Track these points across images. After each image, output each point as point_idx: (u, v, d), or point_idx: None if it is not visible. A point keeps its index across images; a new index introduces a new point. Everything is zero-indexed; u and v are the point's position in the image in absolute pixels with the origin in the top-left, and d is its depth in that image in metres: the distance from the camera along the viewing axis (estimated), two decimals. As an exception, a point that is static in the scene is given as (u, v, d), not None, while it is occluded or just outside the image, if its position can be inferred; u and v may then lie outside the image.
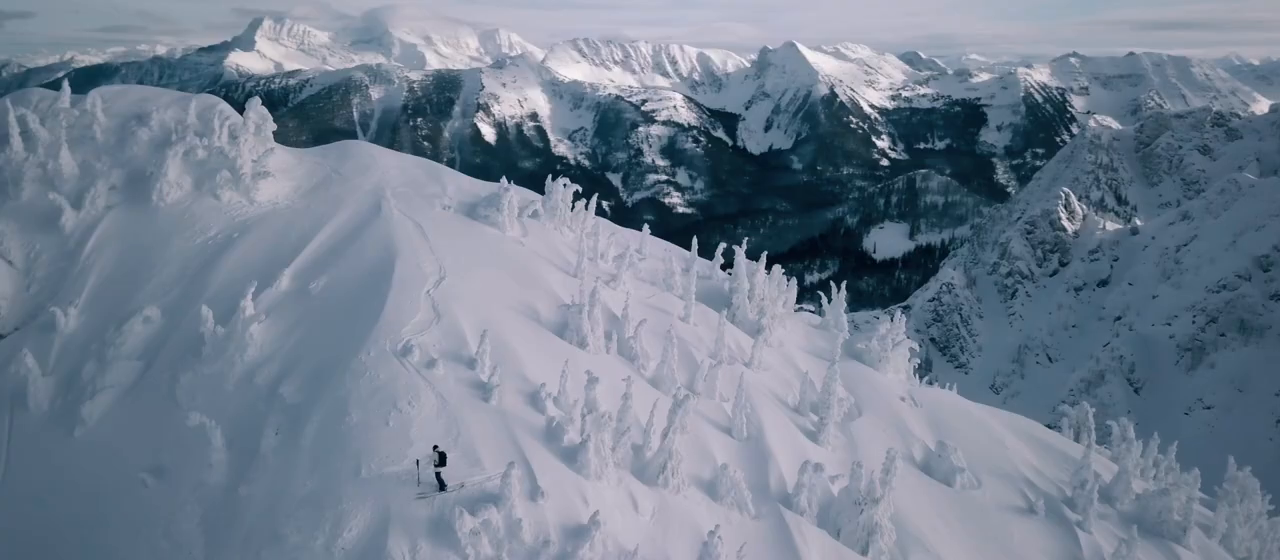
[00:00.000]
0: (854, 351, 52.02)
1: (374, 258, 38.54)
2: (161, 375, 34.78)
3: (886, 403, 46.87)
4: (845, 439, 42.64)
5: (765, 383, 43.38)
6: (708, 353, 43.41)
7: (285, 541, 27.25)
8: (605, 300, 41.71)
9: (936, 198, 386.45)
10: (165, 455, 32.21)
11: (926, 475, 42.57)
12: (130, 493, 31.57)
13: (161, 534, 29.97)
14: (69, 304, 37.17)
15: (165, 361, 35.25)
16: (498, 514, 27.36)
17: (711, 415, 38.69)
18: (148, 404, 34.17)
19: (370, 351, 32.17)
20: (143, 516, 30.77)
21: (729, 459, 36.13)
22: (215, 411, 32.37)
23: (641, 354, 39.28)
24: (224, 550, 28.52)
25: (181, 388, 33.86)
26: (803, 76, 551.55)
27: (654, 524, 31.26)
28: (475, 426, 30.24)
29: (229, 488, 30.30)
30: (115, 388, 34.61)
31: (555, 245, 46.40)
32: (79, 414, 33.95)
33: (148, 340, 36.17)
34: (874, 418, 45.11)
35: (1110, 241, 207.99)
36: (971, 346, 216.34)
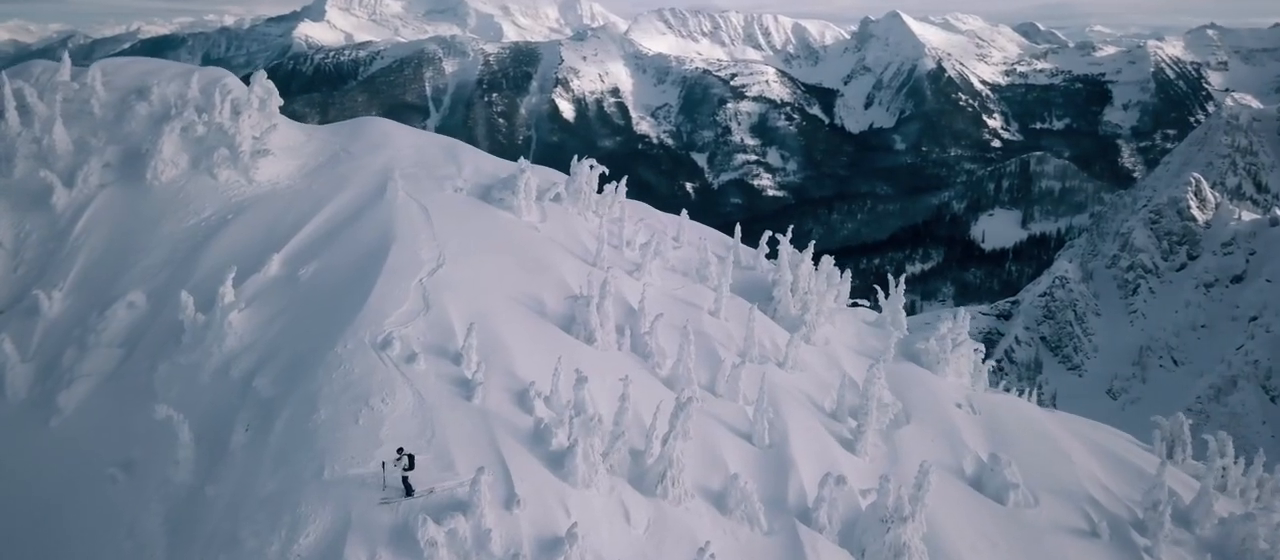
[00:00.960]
0: (910, 352, 50.78)
1: (369, 242, 38.71)
2: (141, 364, 35.40)
3: (939, 409, 45.64)
4: (887, 449, 41.63)
5: (799, 385, 42.55)
6: (737, 351, 42.68)
7: (242, 545, 27.46)
8: (623, 292, 41.29)
9: (1053, 183, 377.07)
10: (137, 449, 32.75)
11: (976, 491, 41.34)
12: (99, 488, 32.18)
13: (126, 533, 30.48)
14: (54, 287, 38.07)
15: (146, 350, 35.87)
16: (465, 523, 27.15)
17: (731, 419, 38.04)
18: (125, 394, 34.82)
19: (347, 344, 32.25)
20: (109, 514, 31.35)
21: (744, 468, 35.47)
22: (187, 405, 32.78)
23: (656, 351, 38.78)
24: (185, 552, 28.87)
25: (159, 378, 34.43)
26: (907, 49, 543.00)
27: (647, 538, 30.82)
28: (452, 427, 30.11)
29: (195, 486, 30.68)
30: (94, 376, 35.33)
31: (576, 231, 46.12)
32: (55, 403, 34.67)
33: (130, 327, 36.86)
34: (922, 426, 43.96)
35: (1246, 233, 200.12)
36: (1086, 347, 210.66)
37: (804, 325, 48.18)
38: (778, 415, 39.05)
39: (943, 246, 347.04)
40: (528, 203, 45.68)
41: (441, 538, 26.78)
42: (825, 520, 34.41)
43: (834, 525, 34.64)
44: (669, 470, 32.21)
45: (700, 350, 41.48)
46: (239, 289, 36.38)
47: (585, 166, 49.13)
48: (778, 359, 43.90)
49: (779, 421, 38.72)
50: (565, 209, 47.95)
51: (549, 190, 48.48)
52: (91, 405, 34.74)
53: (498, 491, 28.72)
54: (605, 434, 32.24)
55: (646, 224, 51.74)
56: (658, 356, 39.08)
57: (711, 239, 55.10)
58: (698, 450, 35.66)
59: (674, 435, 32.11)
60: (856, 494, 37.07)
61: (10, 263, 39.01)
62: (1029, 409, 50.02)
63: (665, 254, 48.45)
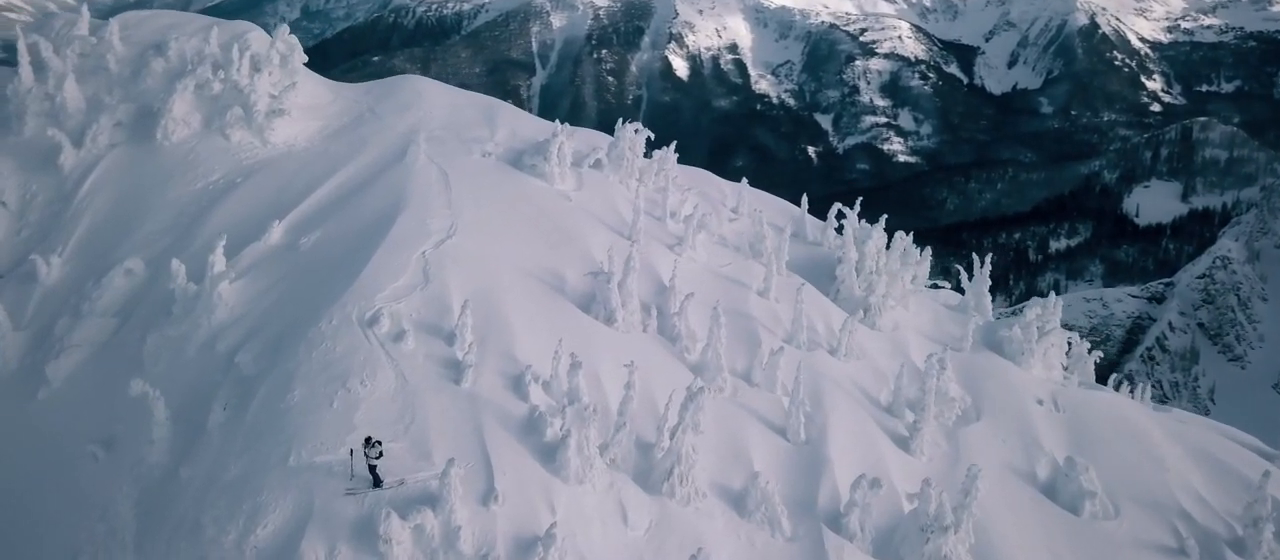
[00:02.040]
0: (993, 341, 48.84)
1: (377, 210, 38.64)
2: (132, 335, 35.93)
3: (1016, 405, 43.76)
4: (948, 448, 40.08)
5: (851, 375, 41.20)
6: (784, 336, 41.51)
7: (202, 533, 27.61)
8: (656, 268, 40.48)
9: (1218, 152, 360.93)
10: (120, 426, 33.20)
11: (1046, 499, 39.57)
12: (79, 466, 32.73)
13: (99, 515, 30.92)
14: (53, 252, 38.78)
15: (139, 320, 36.40)
16: (434, 518, 26.81)
17: (764, 411, 36.99)
18: (114, 367, 35.35)
19: (332, 319, 32.17)
20: (86, 494, 31.86)
21: (770, 466, 34.49)
22: (170, 380, 33.16)
23: (686, 334, 37.90)
24: (152, 538, 29.12)
25: (147, 350, 34.87)
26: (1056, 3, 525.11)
27: (646, 540, 30.13)
28: (435, 412, 29.80)
29: (170, 468, 30.97)
30: (84, 347, 35.96)
31: (613, 201, 45.36)
32: (44, 374, 35.32)
33: (126, 295, 37.44)
34: (994, 423, 42.22)
35: None
36: (1250, 335, 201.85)
37: (869, 308, 46.58)
38: (819, 408, 37.83)
39: (1091, 220, 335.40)
40: (562, 169, 45.08)
41: (405, 534, 26.46)
42: (856, 527, 33.21)
43: (866, 533, 33.40)
44: (676, 466, 31.39)
45: (741, 334, 40.46)
46: (236, 258, 36.62)
47: (629, 130, 48.29)
48: (831, 345, 42.48)
49: (819, 415, 37.51)
50: (605, 176, 47.22)
51: (589, 156, 47.71)
52: (80, 377, 35.33)
53: (475, 485, 28.32)
54: (610, 425, 31.51)
55: (702, 193, 50.65)
56: (687, 340, 38.17)
57: (777, 210, 53.75)
58: (720, 445, 34.83)
59: (682, 428, 31.22)
60: (902, 498, 35.73)
61: (14, 225, 39.95)
62: (1127, 406, 47.57)
63: (714, 226, 47.36)
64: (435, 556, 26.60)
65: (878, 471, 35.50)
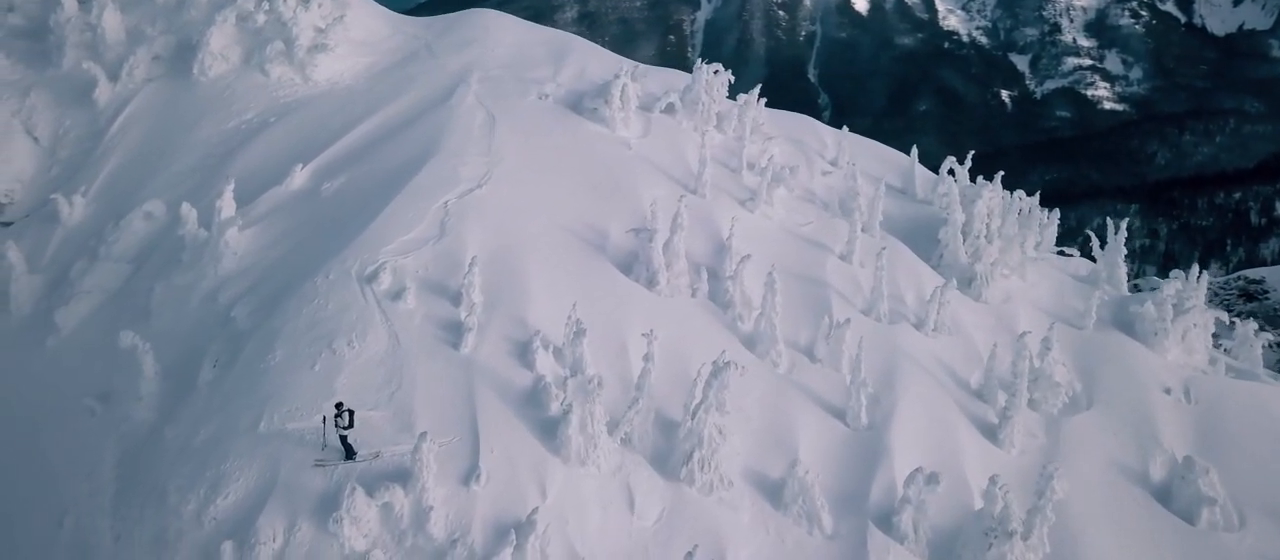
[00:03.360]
0: (1123, 318, 45.82)
1: (407, 156, 38.23)
2: (143, 283, 36.42)
3: (1136, 394, 40.83)
4: (1045, 441, 37.67)
5: (937, 352, 39.07)
6: (863, 306, 39.68)
7: (166, 501, 27.70)
8: (718, 226, 39.06)
9: None
10: (119, 379, 33.57)
11: (1157, 503, 36.80)
12: (75, 421, 33.32)
13: (86, 474, 31.33)
14: (77, 191, 39.51)
15: (152, 267, 36.89)
16: (404, 497, 26.23)
17: (822, 391, 35.31)
18: (122, 316, 35.90)
19: (330, 273, 31.87)
20: (77, 450, 32.37)
21: (821, 453, 32.86)
22: (168, 333, 33.47)
23: (740, 301, 36.46)
24: (128, 502, 29.31)
25: (155, 299, 35.21)
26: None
27: (655, 531, 29.01)
28: (424, 380, 29.21)
29: (155, 427, 31.20)
30: (96, 294, 36.61)
31: (681, 149, 43.96)
32: (53, 321, 36.02)
33: (144, 240, 38.00)
34: (1106, 413, 39.49)
35: None
36: None
37: (974, 277, 44.21)
38: (888, 389, 35.93)
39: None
40: (625, 114, 43.90)
41: (371, 513, 25.99)
42: (908, 527, 31.35)
43: (921, 534, 31.51)
44: (697, 450, 30.08)
45: (810, 303, 38.81)
46: (254, 203, 36.65)
47: (706, 70, 46.69)
48: (918, 318, 40.38)
49: (887, 397, 35.60)
50: (677, 122, 45.81)
51: (662, 99, 46.34)
52: (89, 326, 35.99)
53: (457, 462, 27.64)
54: (630, 400, 30.37)
55: (796, 142, 48.83)
56: (741, 307, 36.68)
57: (886, 164, 51.51)
58: (763, 428, 33.40)
59: (705, 407, 29.84)
60: (977, 497, 33.58)
61: (45, 162, 40.97)
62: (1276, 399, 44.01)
63: (801, 180, 45.52)
64: (403, 539, 26.01)
65: (949, 464, 33.52)
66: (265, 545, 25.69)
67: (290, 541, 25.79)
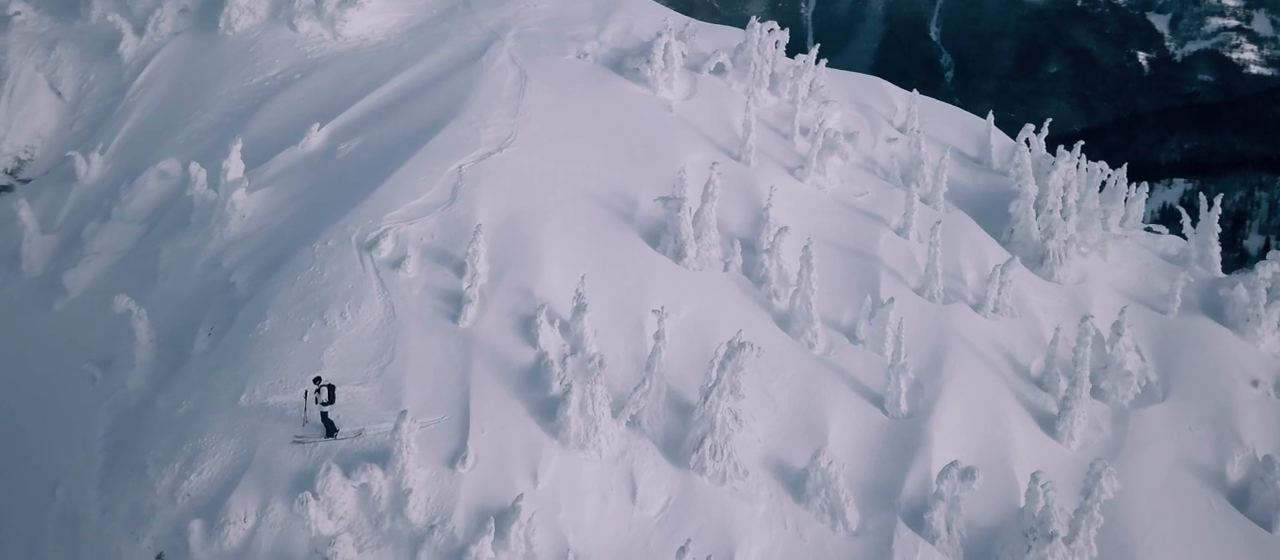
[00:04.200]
0: (1212, 303, 43.63)
1: (429, 116, 37.68)
2: (153, 245, 36.39)
3: (1219, 385, 38.72)
4: (1111, 434, 35.92)
5: (995, 335, 37.46)
6: (917, 284, 38.29)
7: (144, 474, 27.54)
8: (757, 195, 37.89)
9: None
10: (120, 345, 33.50)
11: (1233, 507, 34.93)
12: (76, 387, 33.35)
13: (80, 444, 31.30)
14: (94, 149, 39.62)
15: (162, 229, 36.83)
16: (383, 479, 25.68)
17: (862, 375, 34.03)
18: (129, 279, 35.93)
19: (329, 239, 31.46)
20: (74, 418, 32.40)
21: (853, 443, 31.65)
22: (170, 297, 33.38)
23: (776, 276, 35.29)
24: (115, 474, 29.13)
25: (162, 262, 35.16)
26: None
27: (659, 522, 28.16)
28: (418, 354, 28.65)
29: (148, 396, 31.03)
30: (105, 255, 36.75)
31: (728, 113, 42.72)
32: (62, 283, 36.16)
33: (157, 200, 38.03)
34: (1182, 406, 37.48)
35: None
36: None
37: (1046, 255, 42.42)
38: (934, 375, 34.50)
39: None
40: (668, 74, 42.81)
41: (347, 494, 25.55)
42: (940, 525, 30.03)
43: (954, 533, 30.16)
44: (708, 436, 29.04)
45: (857, 279, 37.52)
46: (267, 163, 36.37)
47: (760, 28, 45.27)
48: (977, 298, 38.82)
49: (932, 383, 34.19)
50: (727, 83, 44.58)
51: (710, 59, 45.14)
52: (97, 289, 36.10)
53: (444, 443, 27.05)
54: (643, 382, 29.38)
55: (861, 105, 47.37)
56: (777, 283, 35.48)
57: (961, 130, 49.74)
58: (793, 413, 32.29)
59: (717, 391, 28.79)
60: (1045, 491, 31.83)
61: (68, 117, 41.28)
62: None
63: (860, 147, 44.07)
64: (380, 523, 25.51)
65: (995, 458, 32.12)
66: (235, 525, 25.40)
67: (262, 522, 25.46)
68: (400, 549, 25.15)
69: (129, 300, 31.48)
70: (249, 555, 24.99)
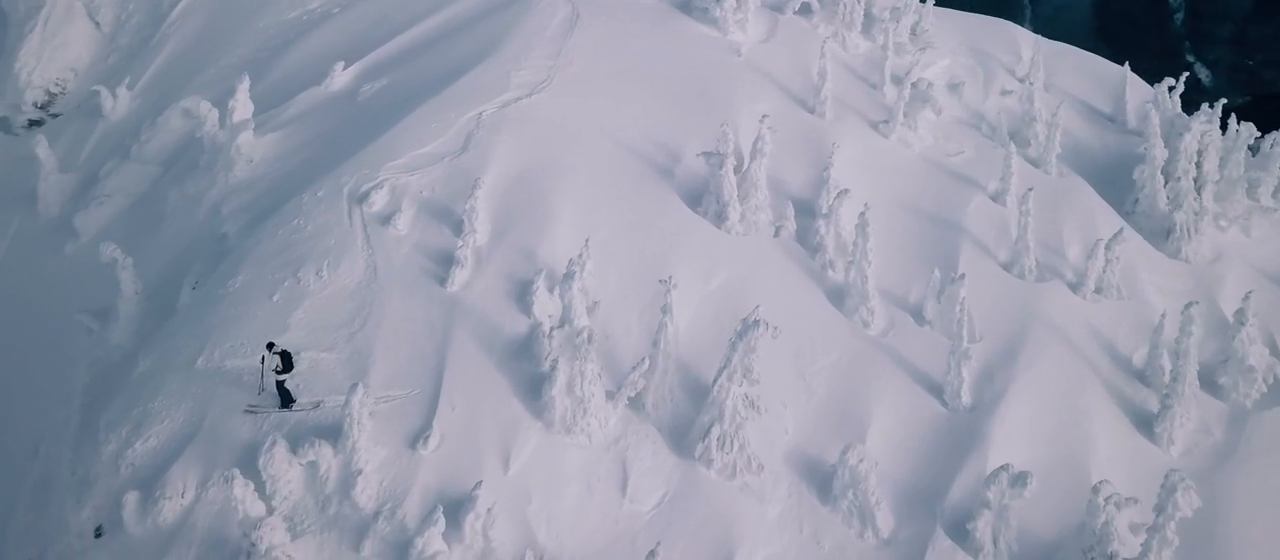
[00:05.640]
0: (1375, 288, 40.10)
1: (461, 57, 36.80)
2: (166, 188, 36.27)
3: (1363, 386, 35.49)
4: (1222, 439, 33.08)
5: (1093, 320, 34.83)
6: (1003, 258, 35.95)
7: (97, 438, 27.34)
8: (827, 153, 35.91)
9: None
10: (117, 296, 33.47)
11: (1356, 538, 31.81)
12: (71, 339, 33.46)
13: (62, 400, 31.39)
14: (121, 83, 39.74)
15: (178, 171, 36.69)
16: (333, 457, 24.84)
17: (923, 360, 31.91)
18: (138, 224, 36.08)
19: (320, 190, 30.74)
20: (65, 371, 32.47)
21: (896, 438, 29.70)
22: (168, 245, 33.19)
23: (832, 246, 33.33)
24: (87, 436, 28.92)
25: (169, 207, 35.03)
26: None
27: (650, 519, 26.77)
28: (394, 320, 27.80)
29: (129, 352, 30.91)
30: (119, 198, 36.95)
31: (806, 59, 40.60)
32: (73, 226, 36.38)
33: (178, 140, 37.92)
34: (1308, 409, 34.45)
35: None
36: None
37: (1173, 229, 39.42)
38: (1008, 363, 32.18)
39: None
40: (742, 14, 40.93)
41: (293, 473, 24.84)
42: (986, 537, 27.85)
43: (1002, 547, 27.91)
44: (717, 425, 27.42)
45: (933, 251, 35.35)
46: (286, 104, 35.84)
47: (854, -43, 43.04)
48: (1077, 276, 36.21)
49: (1003, 373, 31.88)
50: (812, 25, 42.45)
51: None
52: (107, 233, 36.13)
53: (407, 419, 26.07)
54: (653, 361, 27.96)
55: (977, 51, 44.91)
56: (833, 253, 33.49)
57: (1093, 82, 46.66)
58: (831, 401, 30.51)
59: (728, 374, 27.13)
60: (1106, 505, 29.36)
61: (104, 49, 41.54)
62: None
63: (968, 100, 41.61)
64: (326, 506, 24.70)
65: (1069, 462, 29.83)
66: (171, 500, 24.97)
67: (201, 498, 24.95)
68: (344, 536, 24.32)
69: (116, 248, 31.34)
70: (182, 534, 24.49)
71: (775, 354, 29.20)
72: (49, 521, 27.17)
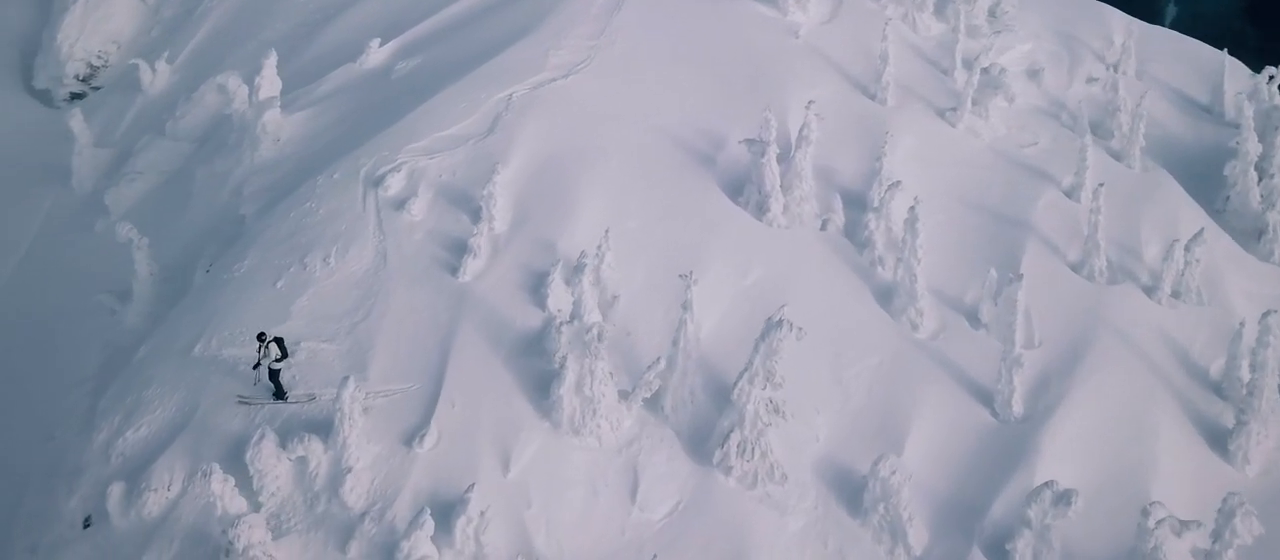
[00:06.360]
0: None
1: (499, 34, 36.29)
2: (196, 166, 36.26)
3: None
4: (1298, 460, 31.55)
5: (1167, 326, 33.46)
6: (1073, 258, 34.63)
7: (93, 425, 27.30)
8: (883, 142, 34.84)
9: None
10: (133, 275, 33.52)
11: None
12: (92, 319, 33.58)
13: (76, 381, 31.48)
14: (160, 57, 39.86)
15: (210, 149, 36.76)
16: (324, 453, 24.46)
17: (973, 368, 30.81)
18: (167, 203, 36.14)
19: (336, 171, 30.40)
20: (80, 354, 32.60)
21: (937, 449, 28.69)
22: (189, 226, 33.14)
23: (882, 241, 32.34)
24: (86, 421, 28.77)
25: (197, 186, 35.03)
26: None
27: (660, 529, 26.07)
28: (399, 310, 27.37)
29: (141, 335, 30.88)
30: (150, 175, 37.12)
31: (867, 42, 39.43)
32: (104, 202, 36.58)
33: (211, 117, 37.92)
34: None
35: None
36: None
37: (1265, 229, 37.79)
38: (1066, 373, 30.94)
39: None
40: (802, -2, 39.94)
41: (280, 468, 24.53)
42: (1025, 558, 26.71)
43: (1043, 569, 26.79)
44: (737, 430, 26.59)
45: (997, 249, 34.21)
46: (319, 82, 35.62)
47: (925, -68, 41.80)
48: (1152, 279, 34.74)
49: (1061, 381, 30.61)
50: (881, 5, 41.26)
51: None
52: (137, 212, 36.27)
53: (405, 416, 25.59)
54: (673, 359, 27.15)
55: (1066, 36, 43.50)
56: (882, 249, 32.46)
57: (1190, 68, 44.94)
58: (869, 409, 29.55)
59: (749, 377, 26.27)
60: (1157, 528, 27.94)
61: (147, 22, 41.70)
62: None
63: (1048, 87, 40.30)
64: (314, 504, 24.29)
65: (1126, 479, 28.63)
66: (156, 493, 24.69)
67: (187, 491, 24.58)
68: (330, 536, 23.87)
69: (132, 228, 31.38)
70: (165, 529, 24.20)
71: (812, 356, 28.45)
72: (47, 509, 27.04)
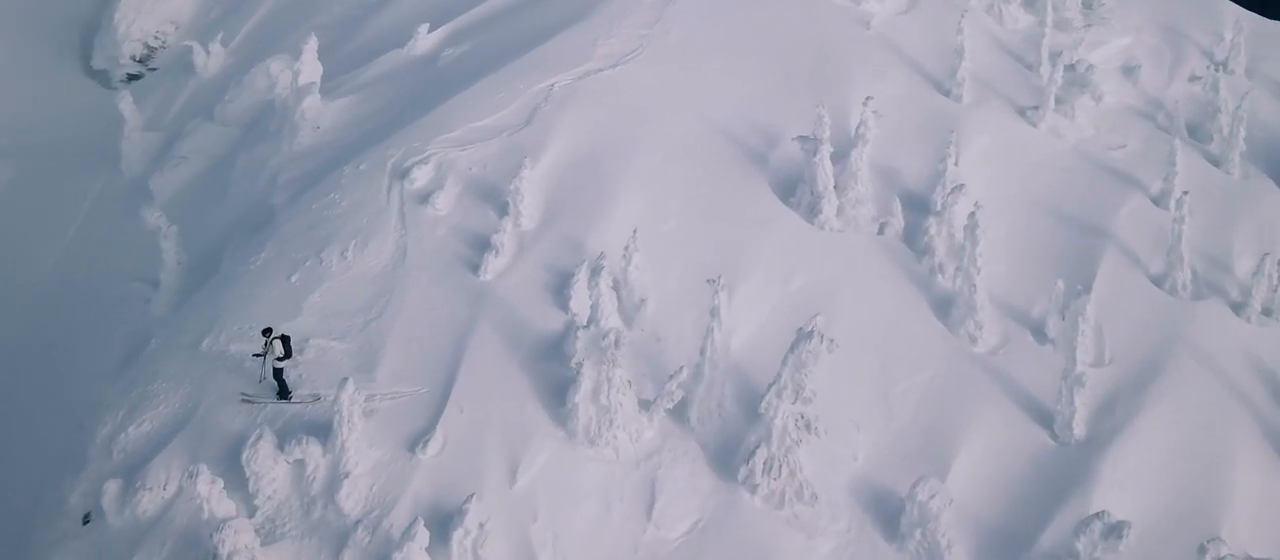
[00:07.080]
0: None
1: (549, 21, 35.82)
2: (241, 153, 36.31)
3: None
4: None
5: (1253, 345, 32.14)
6: (1155, 271, 33.30)
7: (98, 417, 27.48)
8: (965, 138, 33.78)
9: None
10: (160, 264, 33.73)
11: None
12: (127, 307, 33.83)
13: (101, 371, 31.64)
14: (214, 39, 40.07)
15: (256, 134, 36.82)
16: (322, 456, 24.17)
17: (1034, 387, 29.68)
18: (209, 190, 36.30)
19: (363, 163, 30.16)
20: (109, 339, 32.87)
21: (987, 472, 27.72)
22: (224, 214, 33.13)
23: (943, 248, 31.28)
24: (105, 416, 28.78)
25: (237, 173, 35.10)
26: None
27: (678, 548, 25.43)
28: (414, 308, 27.00)
29: (166, 322, 30.97)
30: (196, 160, 37.39)
31: (945, 34, 38.16)
32: (149, 187, 36.87)
33: (259, 102, 38.03)
34: None
35: None
36: None
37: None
38: (1138, 392, 29.66)
39: None
40: (873, -17, 38.89)
41: (277, 470, 24.27)
42: (1072, 592, 25.61)
43: (1091, 608, 25.60)
44: (764, 447, 25.78)
45: (1071, 260, 32.99)
46: (365, 67, 35.49)
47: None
48: (1241, 296, 33.24)
49: (1130, 402, 29.37)
50: (963, -1, 40.06)
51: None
52: (181, 198, 36.55)
53: (411, 420, 25.21)
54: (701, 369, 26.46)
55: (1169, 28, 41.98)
56: (943, 256, 31.38)
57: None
58: (912, 427, 28.59)
59: (777, 391, 25.44)
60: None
61: (208, 2, 41.86)
62: None
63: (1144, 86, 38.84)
64: (310, 509, 24.01)
65: (1196, 511, 27.55)
66: (152, 491, 24.58)
67: (183, 491, 24.34)
68: (323, 543, 23.58)
69: (159, 215, 31.39)
70: (158, 529, 24.10)
71: (855, 368, 27.70)
72: (55, 503, 27.13)
